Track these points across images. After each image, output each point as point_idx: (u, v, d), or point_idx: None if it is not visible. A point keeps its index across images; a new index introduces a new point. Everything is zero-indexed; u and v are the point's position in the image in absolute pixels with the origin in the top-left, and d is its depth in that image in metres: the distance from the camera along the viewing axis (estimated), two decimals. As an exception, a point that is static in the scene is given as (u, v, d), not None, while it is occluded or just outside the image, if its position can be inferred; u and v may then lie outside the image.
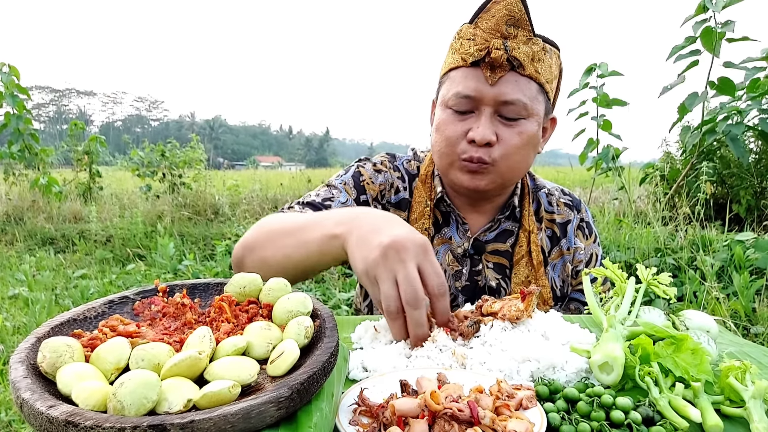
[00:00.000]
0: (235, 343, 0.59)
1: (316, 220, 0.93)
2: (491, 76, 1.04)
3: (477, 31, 1.05)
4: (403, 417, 0.54)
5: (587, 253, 1.26)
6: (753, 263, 2.98)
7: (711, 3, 3.67)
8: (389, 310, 0.74)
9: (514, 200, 1.21)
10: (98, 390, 0.48)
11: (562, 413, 0.60)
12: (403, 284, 0.73)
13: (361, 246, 0.80)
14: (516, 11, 1.02)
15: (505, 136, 1.07)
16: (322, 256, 0.90)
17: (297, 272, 0.96)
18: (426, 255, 0.76)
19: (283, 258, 0.96)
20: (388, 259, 0.75)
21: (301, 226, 0.95)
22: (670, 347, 0.69)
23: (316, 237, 0.90)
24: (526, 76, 1.05)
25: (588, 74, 4.79)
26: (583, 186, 7.19)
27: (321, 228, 0.90)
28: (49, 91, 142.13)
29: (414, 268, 0.74)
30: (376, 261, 0.75)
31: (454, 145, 1.09)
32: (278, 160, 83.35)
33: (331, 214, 0.93)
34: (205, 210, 6.52)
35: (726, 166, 4.62)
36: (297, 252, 0.94)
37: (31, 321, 3.14)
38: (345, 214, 0.90)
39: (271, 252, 0.98)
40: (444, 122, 1.10)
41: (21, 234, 5.78)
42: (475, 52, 1.04)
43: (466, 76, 1.07)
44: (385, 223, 0.82)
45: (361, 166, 1.24)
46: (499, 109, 1.06)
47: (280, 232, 0.98)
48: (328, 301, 3.65)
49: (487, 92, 1.05)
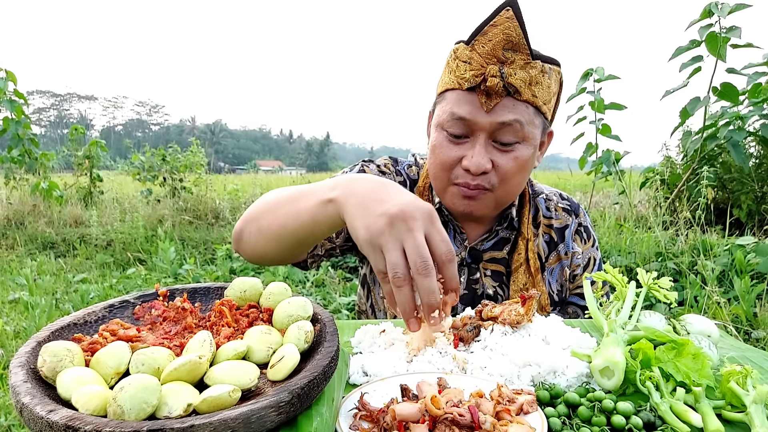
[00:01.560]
0: (235, 348, 0.59)
1: (311, 188, 0.91)
2: (487, 102, 1.03)
3: (473, 55, 1.03)
4: (404, 422, 0.54)
5: (585, 257, 1.26)
6: (754, 268, 2.97)
7: (716, 8, 3.67)
8: (396, 277, 0.71)
9: (512, 211, 1.21)
10: (98, 394, 0.48)
11: (563, 418, 0.60)
12: (412, 254, 0.71)
13: (362, 213, 0.77)
14: (514, 36, 1.00)
15: (501, 162, 1.06)
16: (317, 223, 0.88)
17: (293, 242, 0.94)
18: (433, 223, 0.75)
19: (279, 228, 0.94)
20: (395, 228, 0.72)
21: (296, 196, 0.93)
22: (671, 352, 0.69)
23: (311, 203, 0.87)
24: (522, 101, 1.04)
25: (585, 79, 4.80)
26: (583, 190, 7.18)
27: (315, 195, 0.87)
28: (50, 96, 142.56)
29: (422, 236, 0.72)
30: (382, 230, 0.73)
31: (449, 170, 1.09)
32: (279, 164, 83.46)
33: (325, 181, 0.90)
34: (205, 214, 6.53)
35: (727, 170, 4.62)
36: (292, 221, 0.91)
37: (31, 325, 3.14)
38: (339, 178, 0.87)
39: (267, 222, 0.96)
40: (439, 146, 1.10)
41: (22, 238, 5.78)
42: (471, 78, 1.03)
43: (461, 99, 1.05)
44: (384, 188, 0.80)
45: (365, 165, 1.25)
46: (494, 135, 1.05)
47: (277, 202, 0.97)
48: (328, 305, 3.65)
49: (482, 118, 1.04)
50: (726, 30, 3.71)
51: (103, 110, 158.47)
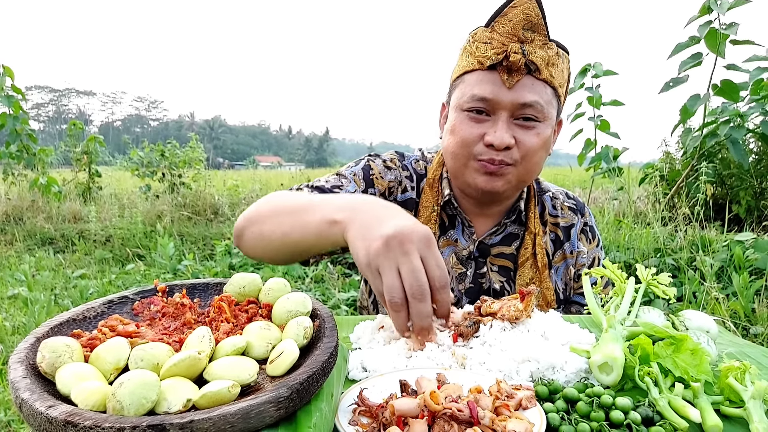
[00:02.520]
0: (234, 343, 0.59)
1: (318, 202, 0.92)
2: (509, 79, 1.04)
3: (494, 35, 1.05)
4: (403, 417, 0.54)
5: (590, 256, 1.26)
6: (752, 264, 2.98)
7: (716, 4, 3.66)
8: (393, 302, 0.73)
9: (520, 204, 1.21)
10: (97, 390, 0.48)
11: (562, 413, 0.60)
12: (408, 277, 0.72)
13: (362, 236, 0.78)
14: (533, 16, 1.03)
15: (524, 138, 1.07)
16: (320, 239, 0.89)
17: (293, 251, 0.96)
18: (429, 247, 0.75)
19: (282, 235, 0.95)
20: (392, 251, 0.73)
21: (302, 207, 0.94)
22: (670, 347, 0.69)
23: (316, 219, 0.89)
24: (541, 80, 1.05)
25: (583, 75, 4.79)
26: (582, 186, 7.18)
27: (321, 211, 0.89)
28: (48, 91, 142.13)
29: (418, 259, 0.73)
30: (379, 252, 0.74)
31: (470, 146, 1.09)
32: (278, 160, 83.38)
33: (333, 198, 0.92)
34: (204, 210, 6.53)
35: (726, 166, 4.62)
36: (295, 231, 0.93)
37: (30, 321, 3.14)
38: (347, 200, 0.88)
39: (270, 227, 0.98)
40: (459, 125, 1.10)
41: (20, 234, 5.78)
42: (492, 55, 1.04)
43: (482, 79, 1.06)
44: (386, 212, 0.81)
45: (371, 160, 1.24)
46: (516, 113, 1.06)
47: (282, 209, 0.98)
48: (327, 301, 3.65)
49: (504, 96, 1.05)
50: (725, 27, 3.70)
51: (102, 106, 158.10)
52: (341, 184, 1.17)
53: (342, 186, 1.16)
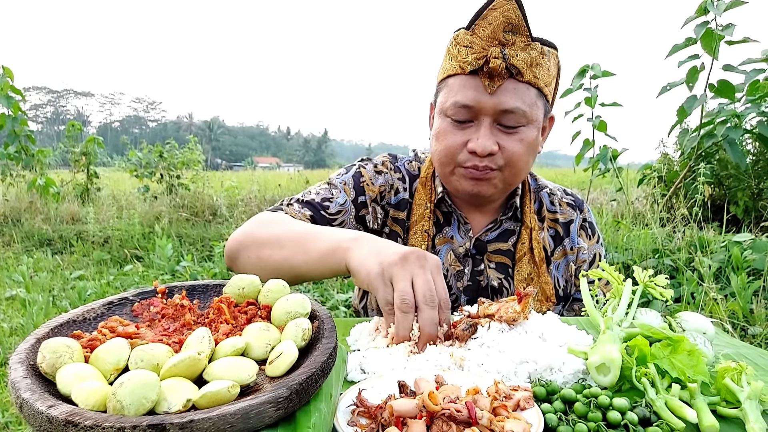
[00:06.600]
0: (233, 344, 0.59)
1: (323, 232, 0.97)
2: (490, 84, 1.04)
3: (474, 39, 1.04)
4: (401, 418, 0.54)
5: (590, 253, 1.26)
6: (750, 264, 2.98)
7: (712, 5, 3.67)
8: (404, 303, 0.77)
9: (515, 200, 1.21)
10: (98, 390, 0.49)
11: (560, 414, 0.61)
12: (422, 285, 0.77)
13: (376, 254, 0.84)
14: (513, 17, 1.01)
15: (507, 144, 1.07)
16: (321, 264, 0.93)
17: (292, 276, 0.98)
18: (439, 273, 0.81)
19: (282, 260, 0.97)
20: (409, 264, 0.79)
21: (305, 234, 0.98)
22: (667, 349, 0.69)
23: (320, 247, 0.93)
24: (524, 82, 1.05)
25: (581, 76, 4.80)
26: (581, 187, 7.19)
27: (327, 240, 0.93)
28: (46, 92, 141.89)
29: (430, 275, 0.79)
30: (395, 263, 0.80)
31: (454, 155, 1.10)
32: (276, 161, 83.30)
33: (337, 230, 0.98)
34: (203, 211, 6.52)
35: (724, 167, 4.63)
36: (297, 257, 0.96)
37: (28, 322, 3.14)
38: (352, 232, 0.94)
39: (269, 252, 0.99)
40: (443, 132, 1.10)
41: (18, 235, 5.76)
42: (473, 60, 1.03)
43: (464, 84, 1.06)
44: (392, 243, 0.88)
45: (362, 166, 1.24)
46: (499, 118, 1.06)
47: (284, 235, 1.00)
48: (326, 302, 3.65)
49: (486, 101, 1.04)
50: (722, 28, 3.71)
51: (100, 107, 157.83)
52: (331, 195, 1.17)
53: (332, 197, 1.17)
